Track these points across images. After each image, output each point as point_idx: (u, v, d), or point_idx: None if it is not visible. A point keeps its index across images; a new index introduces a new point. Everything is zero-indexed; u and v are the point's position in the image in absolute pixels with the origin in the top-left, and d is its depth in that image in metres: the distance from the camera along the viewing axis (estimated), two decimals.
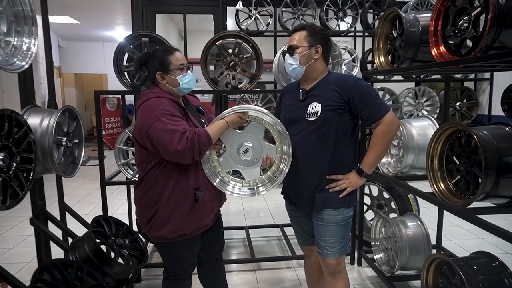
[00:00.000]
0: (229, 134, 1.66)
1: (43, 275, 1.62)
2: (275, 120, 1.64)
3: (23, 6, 1.63)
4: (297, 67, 1.67)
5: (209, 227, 1.73)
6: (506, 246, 2.71)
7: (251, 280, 2.61)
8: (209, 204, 1.67)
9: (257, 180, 1.72)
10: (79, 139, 2.13)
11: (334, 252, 1.69)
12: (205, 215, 1.66)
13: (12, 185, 1.52)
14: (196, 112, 1.78)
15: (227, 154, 1.69)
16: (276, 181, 1.70)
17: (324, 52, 1.69)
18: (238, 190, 1.72)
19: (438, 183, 1.65)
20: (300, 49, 1.66)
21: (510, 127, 1.47)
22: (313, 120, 1.63)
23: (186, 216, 1.60)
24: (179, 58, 1.64)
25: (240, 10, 4.20)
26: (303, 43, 1.66)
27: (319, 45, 1.66)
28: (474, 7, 1.42)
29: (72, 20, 7.22)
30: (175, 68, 1.62)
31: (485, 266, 1.69)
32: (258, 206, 4.33)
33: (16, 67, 1.63)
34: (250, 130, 1.67)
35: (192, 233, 1.64)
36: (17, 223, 3.70)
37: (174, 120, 1.49)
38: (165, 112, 1.49)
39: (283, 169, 1.68)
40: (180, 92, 1.68)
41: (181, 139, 1.44)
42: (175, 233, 1.60)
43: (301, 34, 1.67)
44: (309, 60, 1.66)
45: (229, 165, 1.70)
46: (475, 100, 5.16)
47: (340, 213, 1.67)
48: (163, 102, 1.54)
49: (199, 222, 1.64)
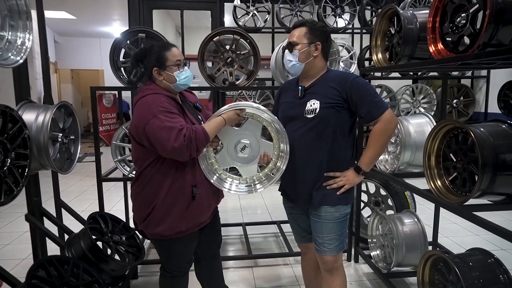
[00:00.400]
0: (226, 131, 1.65)
1: (38, 271, 1.61)
2: (273, 117, 1.63)
3: (17, 0, 1.61)
4: (296, 63, 1.66)
5: (206, 224, 1.72)
6: (501, 242, 2.72)
7: (248, 277, 2.61)
8: (206, 201, 1.67)
9: (254, 177, 1.72)
10: (75, 135, 2.11)
11: (332, 249, 1.69)
12: (202, 212, 1.66)
13: (7, 181, 1.50)
14: (193, 108, 1.77)
15: (224, 151, 1.68)
16: (273, 179, 1.70)
17: (324, 49, 1.68)
18: (235, 187, 1.72)
19: (435, 180, 1.65)
20: (299, 45, 1.65)
21: (506, 124, 1.48)
22: (311, 117, 1.62)
23: (183, 213, 1.59)
24: (175, 54, 1.62)
25: (237, 6, 4.18)
26: (302, 39, 1.65)
27: (319, 42, 1.65)
28: (472, 4, 1.42)
29: (68, 16, 7.17)
30: (171, 64, 1.60)
31: (480, 262, 1.70)
32: (255, 203, 4.33)
33: (10, 62, 1.61)
34: (247, 127, 1.67)
35: (189, 230, 1.63)
36: (13, 220, 3.68)
37: (171, 117, 1.48)
38: (162, 109, 1.48)
39: (280, 167, 1.67)
40: (177, 89, 1.66)
41: (178, 136, 1.44)
42: (172, 231, 1.59)
43: (301, 30, 1.66)
44: (309, 57, 1.65)
45: (226, 162, 1.70)
46: (471, 98, 5.18)
47: (338, 210, 1.67)
48: (160, 99, 1.52)
49: (196, 219, 1.64)
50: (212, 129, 1.56)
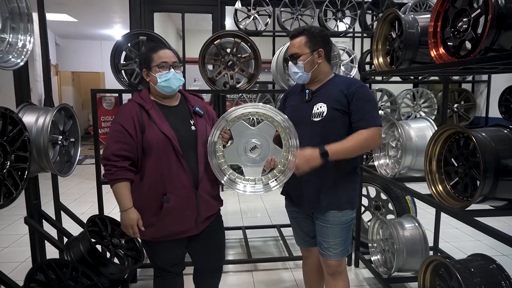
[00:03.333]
0: (240, 128, 1.63)
1: (37, 275, 1.59)
2: (289, 124, 1.61)
3: (19, 2, 1.62)
4: (303, 74, 1.65)
5: (190, 234, 1.67)
6: (503, 248, 2.71)
7: (248, 281, 2.60)
8: (178, 212, 1.59)
9: (256, 179, 1.70)
10: (75, 137, 2.11)
11: (337, 253, 1.68)
12: (174, 222, 1.60)
13: (6, 184, 1.50)
14: (188, 115, 1.69)
15: (233, 147, 1.66)
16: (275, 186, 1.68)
17: (327, 54, 1.67)
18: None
19: (436, 185, 1.64)
20: (302, 56, 1.63)
21: (508, 129, 1.47)
22: (318, 120, 1.60)
23: (151, 220, 1.59)
24: (161, 56, 1.61)
25: (238, 10, 4.19)
26: (304, 49, 1.63)
27: (320, 48, 1.63)
28: (474, 9, 1.42)
29: (69, 18, 7.19)
30: (155, 65, 1.60)
31: (482, 268, 1.68)
32: (255, 207, 4.32)
33: (11, 64, 1.61)
34: (262, 129, 1.64)
35: (164, 237, 1.62)
36: (11, 222, 3.67)
37: (118, 138, 1.55)
38: (117, 126, 1.56)
39: (285, 176, 1.65)
40: (162, 91, 1.62)
41: (106, 155, 1.56)
42: (144, 235, 1.63)
43: (301, 40, 1.64)
44: (313, 65, 1.64)
45: (233, 158, 1.67)
46: (472, 102, 5.18)
47: (345, 215, 1.66)
48: (125, 110, 1.60)
49: (167, 229, 1.60)
50: (116, 190, 1.58)
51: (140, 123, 1.56)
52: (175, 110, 1.68)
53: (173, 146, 1.56)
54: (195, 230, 1.67)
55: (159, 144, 1.54)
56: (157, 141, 1.54)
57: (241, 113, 1.61)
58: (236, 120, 1.62)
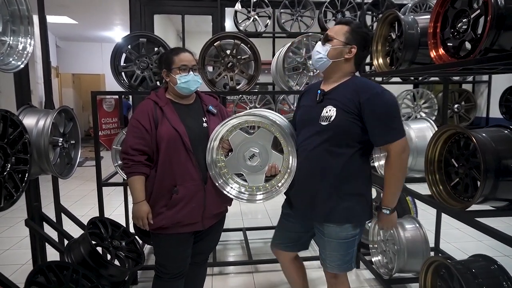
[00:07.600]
0: (237, 137, 1.66)
1: (37, 277, 1.60)
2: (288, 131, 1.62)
3: (19, 5, 1.62)
4: (324, 58, 1.55)
5: (196, 229, 1.72)
6: (504, 249, 2.70)
7: (248, 283, 2.59)
8: (184, 203, 1.65)
9: (260, 187, 1.71)
10: (75, 140, 2.11)
11: (333, 266, 1.61)
12: (180, 212, 1.65)
13: (7, 186, 1.50)
14: (202, 113, 1.77)
15: (233, 156, 1.68)
16: (276, 192, 1.68)
17: (358, 56, 1.56)
18: (236, 192, 1.72)
19: (436, 186, 1.64)
20: (334, 41, 1.54)
21: (508, 129, 1.47)
22: (326, 124, 1.50)
23: (159, 212, 1.66)
24: (182, 59, 1.70)
25: (238, 11, 4.19)
26: (340, 36, 1.54)
27: (355, 45, 1.54)
28: (473, 10, 1.42)
29: (70, 20, 7.20)
30: (176, 67, 1.69)
31: (483, 269, 1.68)
32: (256, 208, 4.31)
33: (11, 67, 1.62)
34: (259, 136, 1.65)
35: (171, 229, 1.67)
36: (12, 225, 3.66)
37: (135, 134, 1.65)
38: (134, 122, 1.67)
39: (283, 185, 1.65)
40: (180, 91, 1.71)
41: (125, 149, 1.66)
42: (154, 225, 1.67)
43: (342, 28, 1.56)
44: (339, 56, 1.54)
45: (234, 168, 1.70)
46: (473, 103, 5.17)
47: (344, 230, 1.54)
48: (143, 107, 1.69)
49: (175, 219, 1.65)
50: (130, 185, 1.66)
51: (155, 118, 1.66)
52: (189, 108, 1.76)
53: (183, 141, 1.63)
54: (200, 226, 1.72)
55: (170, 138, 1.63)
56: (168, 136, 1.63)
57: (232, 125, 1.66)
58: (234, 129, 1.66)
